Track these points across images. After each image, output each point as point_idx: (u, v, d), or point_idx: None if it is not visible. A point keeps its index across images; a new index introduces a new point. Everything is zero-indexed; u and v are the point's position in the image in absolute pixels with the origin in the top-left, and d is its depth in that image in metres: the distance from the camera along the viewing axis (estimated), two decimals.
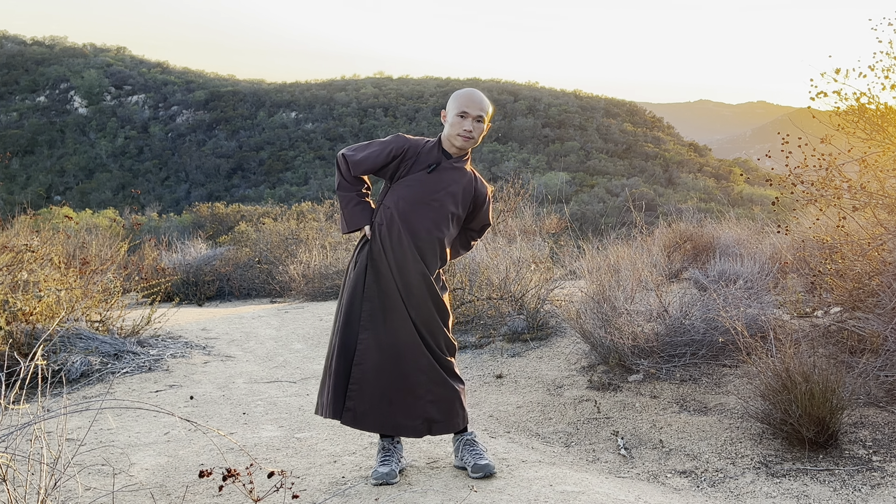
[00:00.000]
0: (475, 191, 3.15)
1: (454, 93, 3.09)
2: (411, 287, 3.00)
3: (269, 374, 5.32)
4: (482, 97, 3.04)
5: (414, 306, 3.00)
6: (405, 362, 2.99)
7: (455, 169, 3.08)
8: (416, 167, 3.06)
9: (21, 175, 68.65)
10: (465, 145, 3.03)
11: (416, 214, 3.00)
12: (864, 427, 3.65)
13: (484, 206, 3.21)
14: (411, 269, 2.99)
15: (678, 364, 4.62)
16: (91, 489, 2.87)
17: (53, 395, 4.33)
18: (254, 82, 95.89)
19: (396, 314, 2.99)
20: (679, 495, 3.21)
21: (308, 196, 34.26)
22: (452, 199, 3.06)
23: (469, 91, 3.05)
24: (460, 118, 2.99)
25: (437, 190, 3.03)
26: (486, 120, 3.04)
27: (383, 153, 3.06)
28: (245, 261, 11.62)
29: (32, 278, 5.07)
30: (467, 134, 2.99)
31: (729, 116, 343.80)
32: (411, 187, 3.03)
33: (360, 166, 3.08)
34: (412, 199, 3.02)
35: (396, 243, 2.99)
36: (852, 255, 4.46)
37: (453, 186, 3.06)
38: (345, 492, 2.90)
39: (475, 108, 2.99)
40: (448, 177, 3.06)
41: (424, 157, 3.07)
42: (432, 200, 3.02)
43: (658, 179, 61.23)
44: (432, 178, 3.03)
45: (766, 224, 8.40)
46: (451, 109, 3.02)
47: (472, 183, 3.14)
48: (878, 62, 4.22)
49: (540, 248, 7.79)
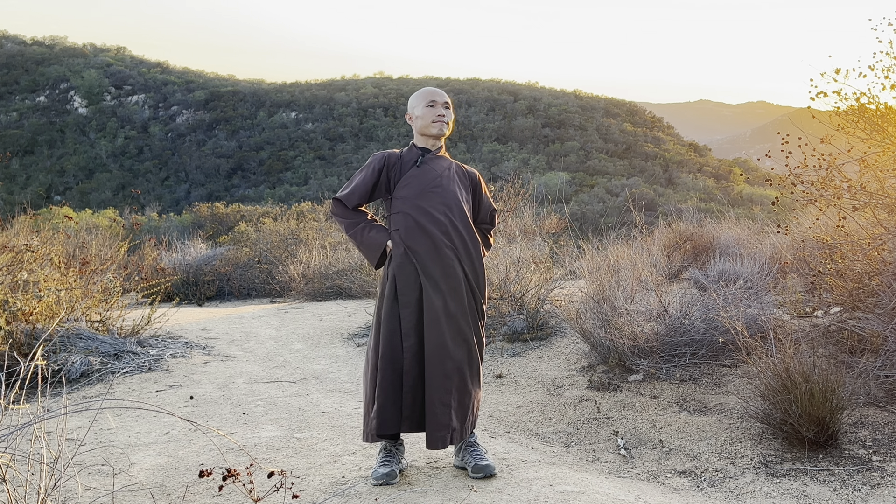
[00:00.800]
0: (466, 173, 3.22)
1: (412, 95, 3.20)
2: (446, 272, 2.97)
3: (269, 374, 5.32)
4: (441, 91, 3.15)
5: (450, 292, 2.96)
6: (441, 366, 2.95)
7: (438, 158, 3.16)
8: (404, 169, 3.12)
9: (21, 175, 68.65)
10: (442, 130, 3.10)
11: (426, 202, 3.03)
12: (864, 427, 3.65)
13: (480, 187, 3.25)
14: (441, 253, 2.99)
15: (678, 364, 4.62)
16: (91, 489, 2.86)
17: (53, 395, 4.33)
18: (254, 82, 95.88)
19: (433, 315, 2.96)
20: (679, 495, 3.21)
21: (308, 196, 34.28)
22: (453, 181, 3.12)
23: (427, 88, 3.18)
24: (430, 107, 3.09)
25: (434, 177, 3.09)
26: (451, 106, 3.14)
27: (369, 173, 3.10)
28: (245, 261, 11.62)
29: (32, 278, 5.07)
30: (441, 118, 3.08)
31: (729, 116, 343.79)
32: (410, 185, 3.07)
33: (354, 196, 3.10)
34: (416, 192, 3.05)
35: (420, 237, 3.00)
36: (852, 255, 4.46)
37: (446, 172, 3.13)
38: (345, 492, 2.90)
39: (440, 96, 3.11)
40: (437, 165, 3.13)
41: (407, 158, 3.14)
42: (435, 187, 3.07)
43: (658, 179, 61.23)
44: (424, 170, 3.09)
45: (766, 224, 8.40)
46: (417, 106, 3.12)
47: (461, 167, 3.23)
48: (878, 62, 4.22)
49: (540, 248, 7.79)
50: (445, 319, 2.96)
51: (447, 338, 2.95)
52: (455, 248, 3.02)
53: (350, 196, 3.10)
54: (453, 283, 2.99)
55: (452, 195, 3.08)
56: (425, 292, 2.97)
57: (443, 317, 2.96)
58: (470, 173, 3.23)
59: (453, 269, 3.00)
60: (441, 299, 2.97)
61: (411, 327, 2.98)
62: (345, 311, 7.74)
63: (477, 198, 3.24)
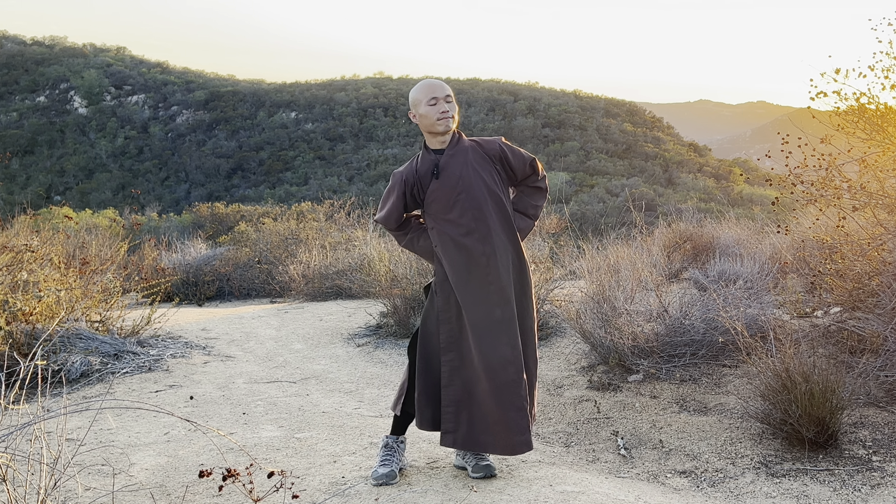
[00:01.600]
0: (483, 148, 3.10)
1: (411, 91, 3.11)
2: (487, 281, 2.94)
3: (269, 374, 5.32)
4: (440, 81, 3.07)
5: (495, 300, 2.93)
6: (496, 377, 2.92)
7: (455, 155, 3.06)
8: (425, 181, 3.07)
9: (21, 175, 68.65)
10: (448, 126, 3.02)
11: (455, 214, 2.99)
12: (864, 427, 3.65)
13: (506, 153, 3.11)
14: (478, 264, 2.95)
15: (678, 364, 4.62)
16: (91, 489, 2.86)
17: (53, 395, 4.33)
18: (254, 82, 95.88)
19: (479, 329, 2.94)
20: (679, 495, 3.21)
21: (308, 196, 34.27)
22: (475, 175, 3.03)
23: (426, 81, 3.08)
24: (432, 105, 3.00)
25: (455, 183, 3.01)
26: (454, 99, 3.06)
27: (396, 199, 3.09)
28: (245, 261, 11.61)
29: (32, 278, 5.07)
30: (445, 115, 3.00)
31: (729, 116, 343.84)
32: (437, 199, 3.03)
33: (391, 220, 3.14)
34: (443, 206, 3.01)
35: (454, 253, 2.98)
36: (852, 255, 4.46)
37: (464, 169, 3.03)
38: (345, 492, 2.90)
39: (440, 90, 3.02)
40: (455, 164, 3.04)
41: (423, 170, 3.07)
42: (460, 193, 3.00)
43: (658, 179, 61.24)
44: (444, 179, 3.02)
45: (766, 224, 8.40)
46: (418, 104, 3.03)
47: (478, 145, 3.10)
48: (878, 62, 4.22)
49: (540, 248, 7.79)
50: (496, 328, 2.93)
51: (504, 346, 2.92)
52: (493, 253, 2.96)
53: (388, 220, 3.14)
54: (496, 290, 2.95)
55: (480, 192, 3.00)
56: (465, 309, 2.96)
57: (492, 327, 2.93)
58: (490, 148, 3.11)
59: (495, 275, 2.95)
60: (485, 310, 2.94)
61: (452, 342, 2.99)
62: (345, 311, 7.74)
63: (507, 163, 3.12)
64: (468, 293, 2.96)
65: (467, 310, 2.96)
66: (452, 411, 2.98)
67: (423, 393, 3.05)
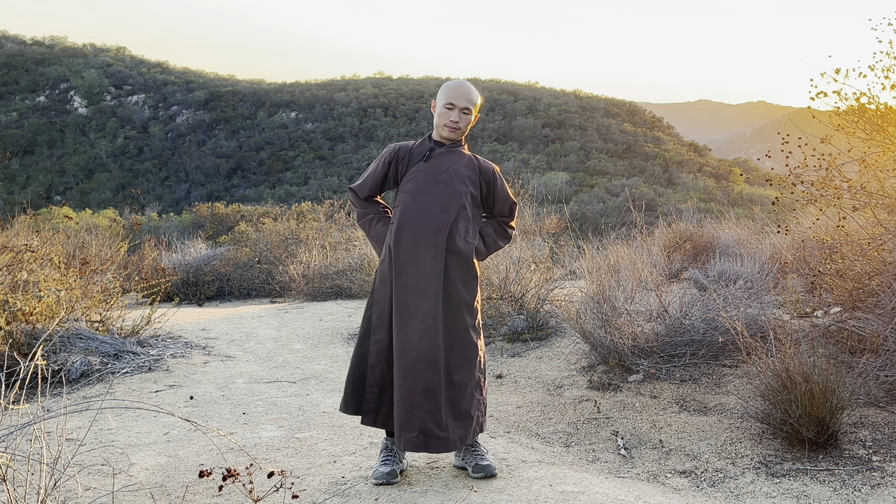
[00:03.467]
0: (479, 168, 3.13)
1: (444, 84, 3.13)
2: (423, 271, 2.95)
3: (269, 374, 5.32)
4: (470, 89, 3.07)
5: (426, 292, 2.94)
6: (420, 365, 2.92)
7: (451, 152, 3.09)
8: (412, 162, 3.10)
9: (21, 175, 68.63)
10: (452, 136, 3.07)
11: (424, 199, 3.01)
12: (864, 427, 3.65)
13: (496, 182, 3.16)
14: (422, 252, 2.96)
15: (678, 364, 4.62)
16: (91, 489, 2.86)
17: (53, 395, 4.33)
18: (254, 82, 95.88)
19: (403, 314, 2.96)
20: (679, 495, 3.21)
21: (308, 196, 34.27)
22: (458, 177, 3.05)
23: (457, 83, 3.09)
24: (447, 109, 3.04)
25: (439, 173, 3.04)
26: (473, 112, 3.07)
27: (380, 165, 3.14)
28: (245, 261, 11.61)
29: (32, 278, 5.07)
30: (453, 125, 3.04)
31: (729, 116, 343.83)
32: (414, 179, 3.06)
33: (365, 186, 3.17)
34: (417, 188, 3.04)
35: (405, 235, 2.99)
36: (852, 255, 4.45)
37: (454, 166, 3.07)
38: (345, 492, 2.89)
39: (462, 99, 3.04)
40: (446, 160, 3.08)
41: (418, 151, 3.12)
42: (437, 181, 3.03)
43: (658, 179, 61.23)
44: (431, 165, 3.06)
45: (766, 224, 8.40)
46: (439, 100, 3.08)
47: (474, 161, 3.14)
48: (878, 62, 4.22)
49: (540, 248, 7.79)
50: (419, 319, 2.93)
51: (418, 337, 2.92)
52: (443, 247, 2.96)
53: (362, 187, 3.18)
54: (431, 284, 2.94)
55: (454, 192, 3.03)
56: (396, 291, 2.98)
57: (415, 316, 2.93)
58: (484, 168, 3.14)
59: (435, 269, 2.95)
60: (414, 299, 2.94)
61: (381, 323, 3.01)
62: (345, 311, 7.74)
63: (491, 192, 3.15)
64: (404, 277, 2.97)
65: (399, 293, 2.97)
66: (377, 391, 3.00)
67: (352, 375, 3.06)
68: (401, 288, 2.97)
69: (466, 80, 3.12)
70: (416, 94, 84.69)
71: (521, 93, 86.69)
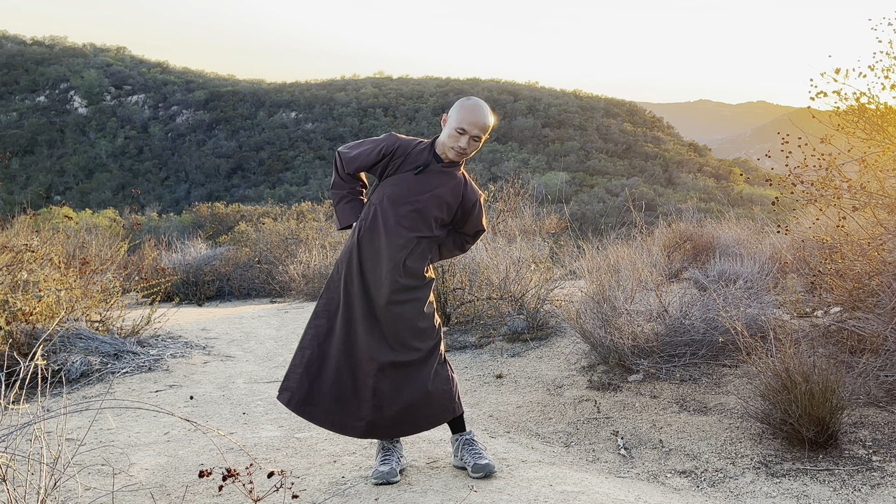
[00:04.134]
0: (463, 196, 3.08)
1: (461, 101, 3.05)
2: (380, 284, 2.95)
3: (269, 374, 5.32)
4: (486, 115, 3.00)
5: (380, 305, 2.95)
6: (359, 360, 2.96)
7: (444, 173, 3.04)
8: (404, 167, 3.05)
9: (21, 175, 68.66)
10: (457, 160, 3.03)
11: (396, 213, 2.97)
12: (864, 427, 3.65)
13: (474, 211, 3.13)
14: (384, 265, 2.95)
15: (678, 364, 4.62)
16: (91, 489, 2.86)
17: (53, 395, 4.33)
18: (254, 82, 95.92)
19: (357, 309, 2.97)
20: (679, 495, 3.21)
21: (308, 196, 34.26)
22: (437, 202, 3.01)
23: (475, 106, 3.00)
24: (458, 133, 2.97)
25: (422, 192, 3.00)
26: (483, 139, 3.02)
27: (374, 151, 3.08)
28: (245, 261, 11.62)
29: (32, 278, 5.07)
30: (461, 151, 2.99)
31: (729, 116, 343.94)
32: (396, 186, 3.01)
33: (353, 163, 3.11)
34: (395, 197, 2.99)
35: (373, 239, 2.98)
36: (852, 255, 4.46)
37: (439, 189, 3.02)
38: (345, 492, 2.90)
39: (475, 128, 2.97)
40: (435, 180, 3.02)
41: (414, 158, 3.05)
42: (415, 201, 2.99)
43: (658, 179, 61.27)
44: (419, 179, 3.01)
45: (766, 224, 8.40)
46: (452, 118, 3.00)
47: (461, 188, 3.08)
48: (878, 62, 4.22)
49: (540, 248, 7.79)
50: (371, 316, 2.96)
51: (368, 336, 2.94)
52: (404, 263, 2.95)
53: (350, 162, 3.11)
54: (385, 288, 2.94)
55: (426, 216, 2.99)
56: (351, 288, 2.98)
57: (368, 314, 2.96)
58: (468, 199, 3.10)
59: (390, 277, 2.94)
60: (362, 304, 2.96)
61: (326, 310, 3.03)
62: None
63: (465, 218, 3.14)
64: (373, 271, 2.96)
65: (352, 286, 2.98)
66: (301, 372, 3.00)
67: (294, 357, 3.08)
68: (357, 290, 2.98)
69: (483, 103, 3.04)
70: (416, 94, 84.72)
71: (521, 93, 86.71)
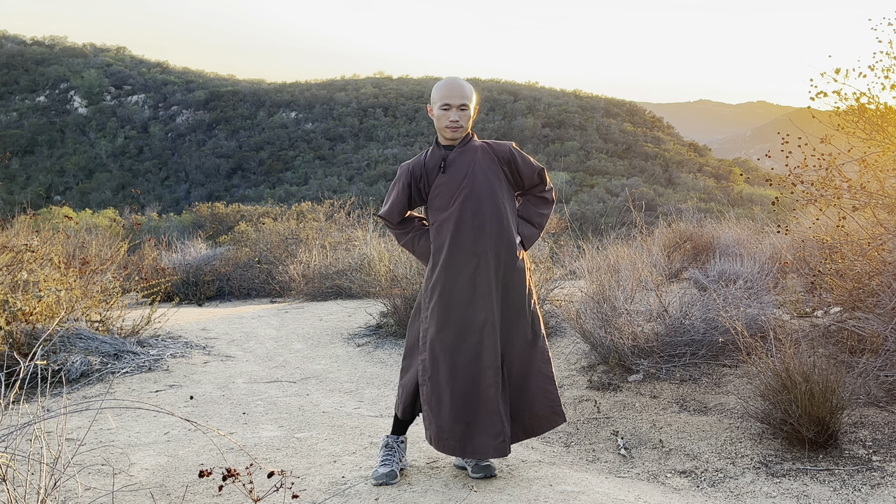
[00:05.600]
0: (494, 152, 3.09)
1: (435, 85, 3.09)
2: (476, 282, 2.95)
3: (269, 374, 5.32)
4: (461, 84, 3.02)
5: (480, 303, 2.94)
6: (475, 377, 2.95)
7: (463, 152, 3.07)
8: (431, 177, 3.08)
9: (21, 175, 68.66)
10: (455, 135, 3.04)
11: (458, 211, 2.99)
12: (864, 427, 3.65)
13: (515, 158, 3.11)
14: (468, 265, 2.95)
15: (678, 364, 4.62)
16: (91, 489, 2.86)
17: (53, 395, 4.33)
18: (254, 82, 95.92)
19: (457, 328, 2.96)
20: (679, 495, 3.21)
21: (308, 196, 34.28)
22: (481, 173, 3.03)
23: (447, 81, 3.04)
24: (444, 111, 3.00)
25: (462, 177, 3.02)
26: (470, 106, 3.03)
27: (401, 190, 3.11)
28: (245, 261, 11.61)
29: (32, 278, 5.07)
30: (454, 124, 3.01)
31: (729, 116, 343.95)
32: (441, 194, 3.04)
33: (394, 212, 3.16)
34: (446, 202, 3.02)
35: (453, 243, 2.98)
36: (852, 255, 4.45)
37: (473, 165, 3.04)
38: (345, 492, 2.89)
39: (456, 97, 2.99)
40: (462, 161, 3.05)
41: (431, 163, 3.09)
42: (464, 188, 3.00)
43: (658, 179, 61.27)
44: (450, 174, 3.03)
45: (766, 224, 8.40)
46: (434, 102, 3.04)
47: (487, 150, 3.09)
48: (878, 62, 4.22)
49: (540, 248, 7.79)
50: (475, 331, 2.94)
51: (480, 349, 2.93)
52: (485, 252, 2.96)
53: (390, 213, 3.16)
54: (482, 293, 2.95)
55: (483, 190, 3.00)
56: (448, 308, 2.97)
57: (471, 329, 2.94)
58: (500, 151, 3.10)
59: (483, 277, 2.95)
60: (467, 312, 2.95)
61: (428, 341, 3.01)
62: (345, 311, 7.74)
63: (515, 168, 3.12)
64: (454, 292, 2.96)
65: (450, 309, 2.96)
66: (426, 409, 3.01)
67: (404, 387, 3.09)
68: (453, 303, 2.97)
69: (455, 76, 3.06)
70: (416, 94, 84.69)
71: (521, 93, 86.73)
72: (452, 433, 2.94)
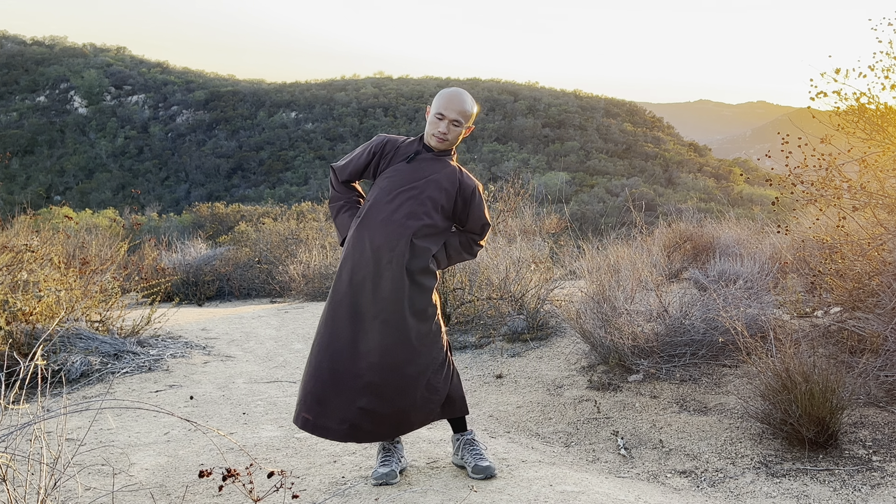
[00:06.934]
0: (460, 182, 3.05)
1: (441, 90, 3.08)
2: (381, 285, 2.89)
3: (269, 374, 5.32)
4: (464, 100, 2.99)
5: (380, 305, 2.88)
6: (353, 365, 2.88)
7: (436, 160, 3.04)
8: (395, 160, 3.06)
9: (21, 175, 68.67)
10: (440, 146, 3.03)
11: (393, 203, 2.95)
12: (864, 427, 3.65)
13: (473, 200, 3.08)
14: (384, 259, 2.90)
15: (678, 364, 4.62)
16: (91, 489, 2.86)
17: (53, 395, 4.33)
18: (254, 82, 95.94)
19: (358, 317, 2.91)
20: (679, 495, 3.21)
21: (308, 196, 34.28)
22: (435, 186, 2.99)
23: (452, 92, 3.01)
24: (437, 119, 2.99)
25: (416, 178, 2.99)
26: (464, 124, 3.00)
27: (364, 152, 3.11)
28: (245, 261, 11.62)
29: (32, 278, 5.07)
30: (441, 136, 2.99)
31: (729, 116, 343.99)
32: (391, 178, 3.02)
33: (346, 170, 3.14)
34: (391, 187, 2.99)
35: (370, 234, 2.93)
36: (852, 255, 4.46)
37: (435, 175, 3.01)
38: (345, 492, 2.89)
39: (452, 111, 2.97)
40: (429, 166, 3.03)
41: (404, 150, 3.07)
42: (411, 188, 2.98)
43: (658, 179, 61.28)
44: (412, 167, 3.02)
45: (766, 224, 8.40)
46: (432, 107, 3.04)
47: (456, 174, 3.06)
48: (878, 62, 4.22)
49: (540, 248, 7.79)
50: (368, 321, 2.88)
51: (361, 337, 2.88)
52: (397, 256, 2.89)
53: (343, 169, 3.15)
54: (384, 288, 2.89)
55: (426, 201, 2.96)
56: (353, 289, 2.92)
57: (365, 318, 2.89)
58: (465, 185, 3.06)
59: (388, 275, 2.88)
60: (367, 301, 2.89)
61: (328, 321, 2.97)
62: None
63: (466, 209, 3.08)
64: (357, 274, 2.91)
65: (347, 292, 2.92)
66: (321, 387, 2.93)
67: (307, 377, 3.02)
68: (354, 287, 2.92)
69: (463, 90, 3.03)
70: (416, 94, 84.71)
71: (521, 93, 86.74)
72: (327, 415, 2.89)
